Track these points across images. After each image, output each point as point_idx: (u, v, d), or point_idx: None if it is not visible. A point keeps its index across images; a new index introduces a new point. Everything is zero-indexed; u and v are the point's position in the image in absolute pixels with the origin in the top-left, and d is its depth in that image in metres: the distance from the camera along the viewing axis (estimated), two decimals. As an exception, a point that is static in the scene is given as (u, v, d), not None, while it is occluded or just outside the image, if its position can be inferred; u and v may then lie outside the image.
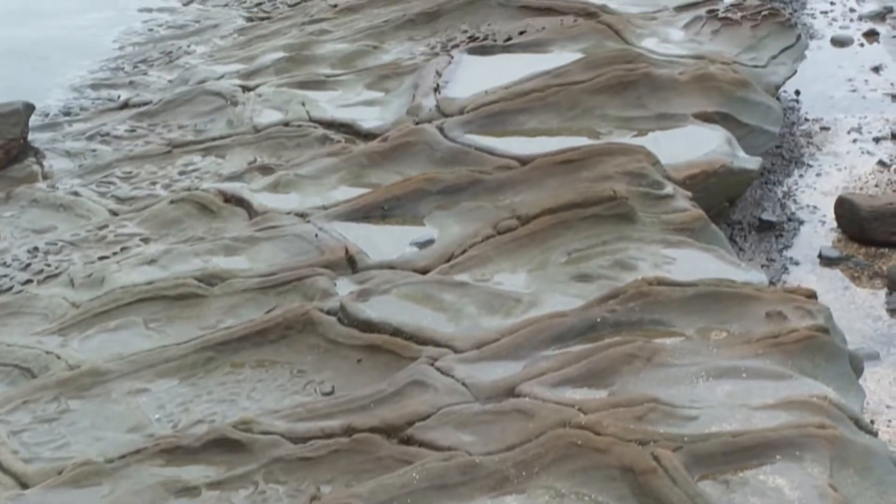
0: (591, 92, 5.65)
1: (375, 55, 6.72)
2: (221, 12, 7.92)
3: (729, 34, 6.38)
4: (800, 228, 5.55)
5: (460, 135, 5.43)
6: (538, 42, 6.42)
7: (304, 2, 7.85)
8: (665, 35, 6.44)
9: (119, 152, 6.00)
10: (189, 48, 7.35)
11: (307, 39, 7.05)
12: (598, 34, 6.39)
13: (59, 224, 5.32)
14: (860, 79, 7.06)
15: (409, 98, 5.97)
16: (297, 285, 4.47)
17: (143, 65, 7.21)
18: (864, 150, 6.24)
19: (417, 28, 6.96)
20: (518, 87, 5.80)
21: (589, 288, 4.21)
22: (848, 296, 5.01)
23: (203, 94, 6.48)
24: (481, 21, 6.88)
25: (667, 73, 5.78)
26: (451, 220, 4.81)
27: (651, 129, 5.47)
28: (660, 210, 4.69)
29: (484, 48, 6.46)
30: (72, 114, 6.59)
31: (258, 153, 5.75)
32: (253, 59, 6.92)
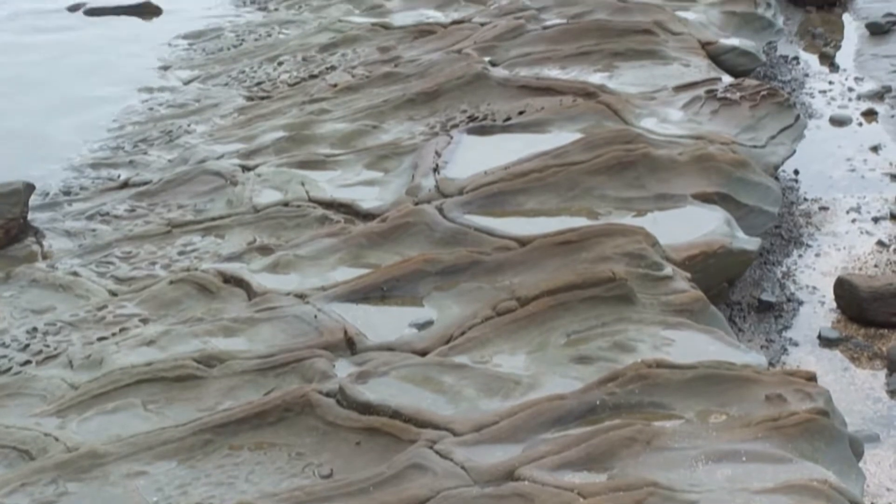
0: (590, 172, 5.71)
1: (375, 135, 6.80)
2: (221, 91, 8.01)
3: (728, 114, 6.45)
4: (799, 309, 5.59)
5: (459, 215, 5.49)
6: (537, 122, 6.49)
7: (304, 81, 7.94)
8: (664, 115, 6.52)
9: (119, 232, 6.06)
10: (189, 127, 7.43)
11: (307, 119, 7.13)
12: (597, 114, 6.47)
13: (59, 304, 5.36)
14: (859, 158, 7.13)
15: (408, 178, 6.04)
16: (295, 367, 4.50)
17: (143, 144, 7.28)
18: (863, 230, 6.30)
19: (417, 108, 7.04)
20: (517, 167, 5.87)
21: (588, 370, 4.24)
22: (848, 377, 5.04)
23: (203, 174, 6.55)
24: (480, 101, 6.96)
25: (666, 154, 5.85)
26: (450, 302, 4.85)
27: (650, 209, 5.53)
28: (659, 291, 4.74)
29: (483, 128, 6.53)
30: (72, 193, 6.65)
31: (257, 233, 5.81)
32: (253, 138, 7.00)
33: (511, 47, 7.71)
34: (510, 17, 8.19)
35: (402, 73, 7.57)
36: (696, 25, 7.83)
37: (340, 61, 8.16)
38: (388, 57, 7.99)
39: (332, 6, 9.36)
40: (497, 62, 7.50)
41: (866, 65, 8.56)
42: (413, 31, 8.46)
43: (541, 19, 8.15)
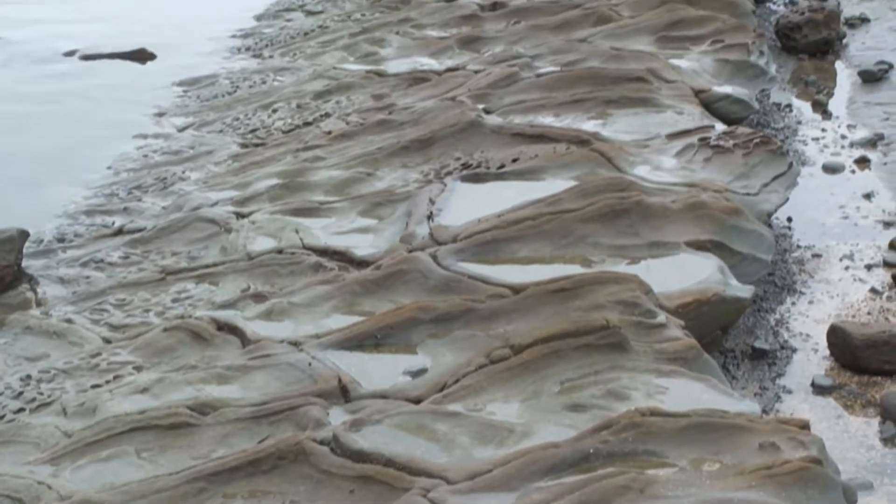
0: (583, 220, 5.76)
1: (369, 182, 6.85)
2: (216, 138, 8.07)
3: (721, 162, 6.50)
4: (792, 356, 5.62)
5: (453, 263, 5.52)
6: (531, 169, 6.54)
7: (298, 128, 8.00)
8: (657, 163, 6.57)
9: (113, 279, 6.09)
10: (184, 174, 7.48)
11: (301, 166, 7.18)
12: (591, 162, 6.53)
13: (53, 352, 5.39)
14: (852, 206, 7.18)
15: (402, 225, 6.08)
16: (289, 415, 4.52)
17: (138, 191, 7.33)
18: (857, 278, 6.34)
19: (411, 155, 7.09)
20: (511, 215, 5.91)
21: (582, 418, 4.27)
22: (841, 424, 5.07)
23: (197, 221, 6.59)
24: (474, 148, 7.02)
25: (659, 202, 5.90)
26: (443, 349, 4.88)
27: (643, 257, 5.57)
28: (652, 339, 4.77)
29: (477, 175, 6.58)
30: (66, 240, 6.68)
31: (251, 280, 5.84)
32: (247, 185, 7.05)
33: (505, 95, 7.78)
34: (504, 65, 8.26)
35: (396, 120, 7.63)
36: (689, 73, 7.90)
37: (335, 108, 8.22)
38: (383, 104, 8.06)
39: (327, 53, 9.43)
40: (491, 110, 7.56)
41: (859, 112, 8.63)
42: (407, 78, 8.53)
43: (534, 67, 8.22)
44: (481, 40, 9.09)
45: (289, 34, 10.11)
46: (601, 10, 9.13)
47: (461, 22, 9.62)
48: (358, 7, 10.54)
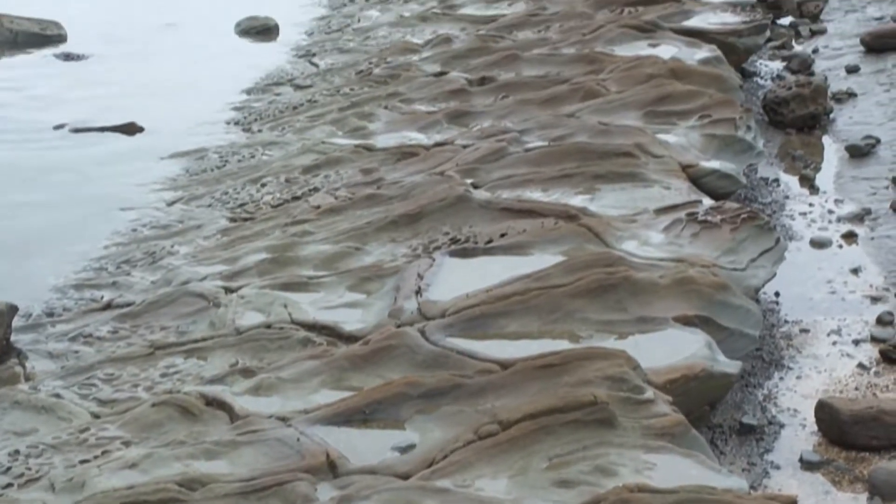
0: (571, 296, 5.84)
1: (358, 257, 6.92)
2: (205, 213, 8.15)
3: (708, 237, 6.59)
4: (780, 432, 5.69)
5: (442, 338, 5.60)
6: (519, 244, 6.63)
7: (287, 203, 8.09)
8: (645, 238, 6.67)
9: (101, 354, 6.14)
10: (173, 248, 7.55)
11: (290, 241, 7.26)
12: (579, 237, 6.62)
13: (41, 426, 5.43)
14: (839, 280, 7.27)
15: (390, 300, 6.16)
16: (277, 490, 4.56)
17: (127, 265, 7.39)
18: (844, 353, 6.41)
19: (399, 230, 7.18)
20: (499, 290, 5.99)
21: (570, 494, 4.32)
22: (829, 501, 5.12)
23: (186, 296, 6.65)
24: (463, 223, 7.11)
25: (647, 277, 5.98)
26: (432, 425, 4.94)
27: (631, 332, 5.65)
28: (640, 415, 4.84)
29: (465, 250, 6.67)
30: (55, 315, 6.74)
31: (240, 355, 5.90)
32: (236, 260, 7.12)
33: (493, 169, 7.88)
34: (492, 140, 8.37)
35: (384, 195, 7.72)
36: (676, 148, 8.01)
37: (323, 183, 8.31)
38: (371, 179, 8.15)
39: (316, 128, 9.54)
40: (479, 184, 7.66)
41: (846, 187, 8.75)
42: (396, 152, 8.64)
43: (522, 142, 8.34)
44: (469, 115, 9.21)
45: (278, 108, 10.23)
46: (589, 85, 9.26)
47: (449, 96, 9.75)
48: (347, 81, 10.66)
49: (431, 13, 12.40)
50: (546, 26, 11.28)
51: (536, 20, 11.51)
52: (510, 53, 10.42)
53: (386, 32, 12.09)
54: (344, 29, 12.51)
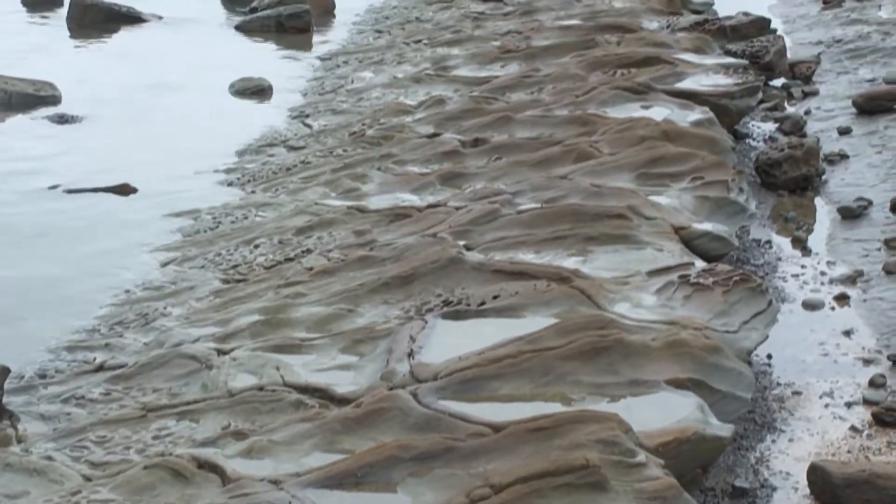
0: (563, 358, 5.89)
1: (350, 318, 6.97)
2: (198, 274, 8.20)
3: (701, 299, 6.65)
4: (773, 495, 5.72)
5: (434, 401, 5.64)
6: (511, 307, 6.69)
7: (280, 264, 8.14)
8: (637, 300, 6.72)
9: (94, 416, 6.17)
10: (165, 310, 7.59)
11: (282, 302, 7.31)
12: (571, 299, 6.67)
13: (33, 489, 5.44)
14: (832, 342, 7.32)
15: (382, 363, 6.20)
16: (270, 554, 4.59)
17: (120, 326, 7.44)
18: (837, 416, 6.46)
19: (392, 292, 7.23)
20: (491, 352, 6.04)
21: (561, 558, 4.35)
22: (822, 565, 5.16)
23: (178, 358, 6.69)
24: (455, 285, 7.16)
25: (639, 339, 6.03)
26: (424, 488, 4.97)
27: (623, 395, 5.70)
28: (632, 478, 4.87)
29: (458, 313, 6.72)
30: (47, 376, 6.77)
31: (232, 418, 5.93)
32: (228, 321, 7.17)
33: (486, 231, 7.95)
34: (485, 202, 8.44)
35: (377, 256, 7.78)
36: (669, 210, 8.08)
37: (316, 244, 8.37)
38: (364, 240, 8.21)
39: (309, 189, 9.61)
40: (472, 246, 7.72)
41: (838, 249, 8.82)
42: (389, 214, 8.70)
43: (515, 204, 8.41)
44: (463, 176, 9.28)
45: (271, 169, 10.30)
46: (581, 147, 9.35)
47: (443, 158, 9.83)
48: (340, 143, 10.75)
49: (425, 74, 12.51)
50: (539, 88, 11.39)
51: (529, 81, 11.62)
52: (503, 115, 10.52)
53: (379, 93, 12.19)
54: (337, 90, 12.61)
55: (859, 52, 13.50)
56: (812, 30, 14.76)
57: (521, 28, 13.66)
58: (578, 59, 12.03)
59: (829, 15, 15.10)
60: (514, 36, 13.41)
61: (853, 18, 14.69)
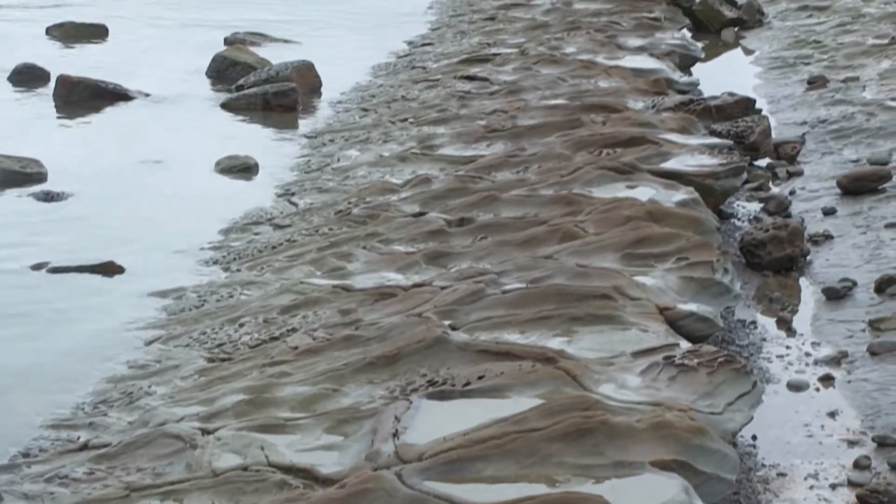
0: (548, 440, 5.94)
1: (335, 399, 7.02)
2: (183, 352, 8.25)
3: (685, 381, 6.71)
4: (758, 577, 5.77)
5: (419, 482, 5.68)
6: (496, 387, 6.75)
7: (265, 343, 8.20)
8: (622, 381, 6.79)
9: (77, 495, 6.19)
10: (150, 389, 7.64)
11: (267, 382, 7.36)
12: (556, 380, 6.74)
13: (15, 571, 5.48)
14: (816, 424, 7.39)
15: (367, 443, 6.25)
16: None
17: (104, 405, 7.48)
18: (821, 497, 6.51)
19: (377, 371, 7.28)
20: (476, 433, 6.10)
21: None
22: None
23: (162, 437, 6.73)
24: (440, 365, 7.22)
25: (624, 421, 6.09)
26: (409, 570, 5.01)
27: (608, 476, 5.75)
28: (616, 560, 4.92)
29: (443, 393, 6.78)
30: (31, 455, 6.80)
31: (216, 498, 5.97)
32: (213, 401, 7.21)
33: (471, 311, 8.02)
34: (470, 282, 8.52)
35: (362, 336, 7.84)
36: (654, 291, 8.17)
37: (301, 323, 8.43)
38: (349, 320, 8.28)
39: (295, 267, 9.68)
40: (457, 326, 7.79)
41: (823, 329, 8.91)
42: (374, 293, 8.77)
43: (500, 283, 8.49)
44: (448, 256, 9.37)
45: (257, 248, 10.38)
46: (567, 227, 9.45)
47: (428, 237, 9.92)
48: (326, 221, 10.83)
49: (411, 153, 12.62)
50: (525, 167, 11.50)
51: (515, 161, 11.73)
52: (489, 194, 10.62)
53: (365, 172, 12.29)
54: (323, 168, 12.72)
55: (844, 133, 13.67)
56: (797, 110, 14.94)
57: (506, 107, 13.79)
58: (564, 138, 12.16)
59: (814, 95, 15.29)
60: (499, 115, 13.53)
61: (838, 99, 14.88)
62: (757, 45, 18.74)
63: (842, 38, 17.96)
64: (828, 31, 18.55)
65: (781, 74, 16.87)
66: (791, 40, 18.47)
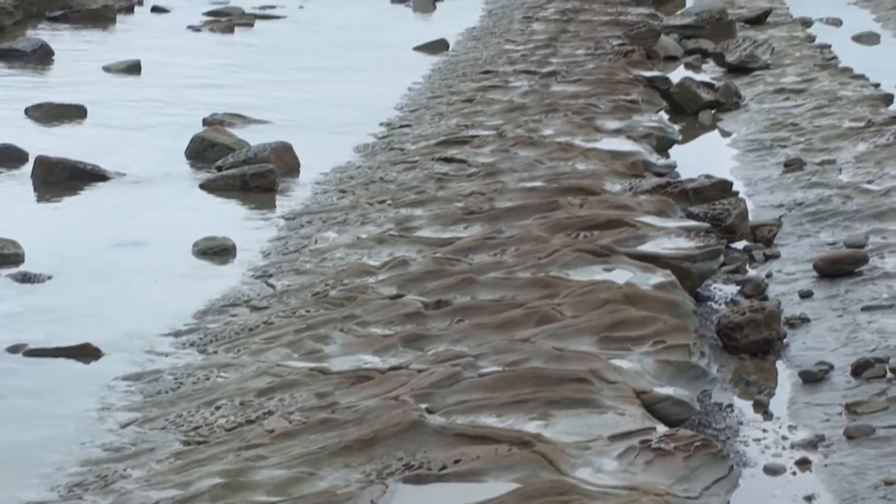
0: (524, 524, 5.99)
1: (311, 482, 7.05)
2: (159, 435, 8.26)
3: (662, 465, 6.77)
4: None
5: (394, 568, 5.71)
6: (473, 471, 6.79)
7: (241, 426, 8.22)
8: (599, 465, 6.85)
9: (50, 581, 6.21)
10: (125, 472, 7.64)
11: (243, 465, 7.38)
12: (533, 464, 6.79)
13: None
14: (792, 509, 7.45)
15: (344, 528, 6.28)
16: None
17: (79, 488, 7.47)
18: (798, 583, 6.56)
19: (353, 455, 7.32)
20: (452, 519, 6.14)
21: None
22: None
23: (137, 521, 6.75)
24: (417, 448, 7.26)
25: (599, 506, 6.15)
26: None
27: (584, 561, 5.79)
28: None
29: (419, 477, 6.81)
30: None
31: (191, 583, 5.98)
32: (189, 484, 7.23)
33: (448, 395, 8.07)
34: (447, 364, 8.58)
35: (338, 419, 7.88)
36: (630, 374, 8.24)
37: (278, 406, 8.46)
38: (326, 403, 8.31)
39: (271, 350, 9.72)
40: (434, 409, 7.84)
41: (800, 413, 8.98)
42: (351, 376, 8.81)
43: (477, 366, 8.55)
44: (425, 338, 9.42)
45: (234, 330, 10.41)
46: (544, 310, 9.53)
47: (405, 320, 9.97)
48: (303, 303, 10.88)
49: (388, 235, 12.70)
50: (502, 249, 11.58)
51: (492, 243, 11.81)
52: (466, 277, 10.70)
53: (343, 254, 12.36)
54: (301, 250, 12.78)
55: (820, 216, 13.80)
56: (774, 192, 15.10)
57: (484, 189, 13.90)
58: (541, 220, 12.26)
59: (791, 178, 15.46)
60: (477, 197, 13.63)
61: (814, 182, 15.05)
62: (734, 128, 18.94)
63: (818, 121, 18.18)
64: (804, 114, 18.77)
65: (758, 157, 17.05)
66: (768, 123, 18.68)
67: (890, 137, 16.19)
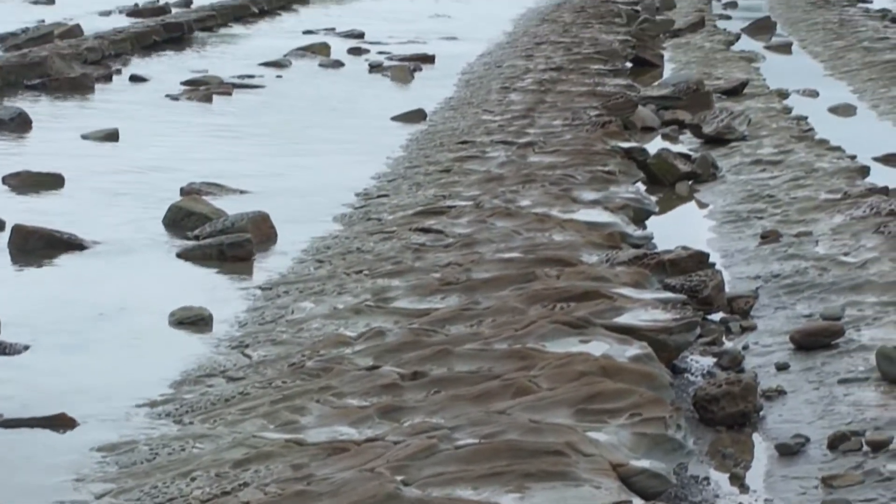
0: None
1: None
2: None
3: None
4: None
5: None
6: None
7: (216, 498, 8.24)
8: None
9: None
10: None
11: (219, 538, 7.41)
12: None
13: None
14: None
15: None
16: None
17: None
18: None
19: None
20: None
21: None
22: None
23: None
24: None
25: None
26: None
27: None
28: None
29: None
30: None
31: None
32: (163, 558, 7.24)
33: (424, 467, 8.11)
34: (423, 436, 8.62)
35: (314, 491, 7.91)
36: (607, 447, 8.30)
37: (253, 478, 8.49)
38: (301, 475, 8.34)
39: (247, 421, 9.75)
40: (409, 482, 7.88)
41: (776, 486, 9.04)
42: (327, 448, 8.85)
43: (453, 438, 8.59)
44: (401, 410, 9.47)
45: (210, 400, 10.43)
46: (520, 382, 9.59)
47: (381, 391, 10.02)
48: (279, 374, 10.92)
49: (365, 306, 12.75)
50: (479, 321, 11.65)
51: (469, 314, 11.88)
52: (442, 348, 10.76)
53: (319, 324, 12.40)
54: (278, 320, 12.82)
55: (797, 288, 13.91)
56: (750, 264, 15.21)
57: (461, 260, 13.98)
58: (518, 292, 12.35)
59: (767, 250, 15.57)
60: (454, 268, 13.71)
61: (791, 253, 15.17)
62: (711, 199, 19.09)
63: (795, 193, 18.33)
64: (781, 186, 18.93)
65: (735, 228, 17.18)
66: (744, 194, 18.84)
67: (866, 209, 16.34)
